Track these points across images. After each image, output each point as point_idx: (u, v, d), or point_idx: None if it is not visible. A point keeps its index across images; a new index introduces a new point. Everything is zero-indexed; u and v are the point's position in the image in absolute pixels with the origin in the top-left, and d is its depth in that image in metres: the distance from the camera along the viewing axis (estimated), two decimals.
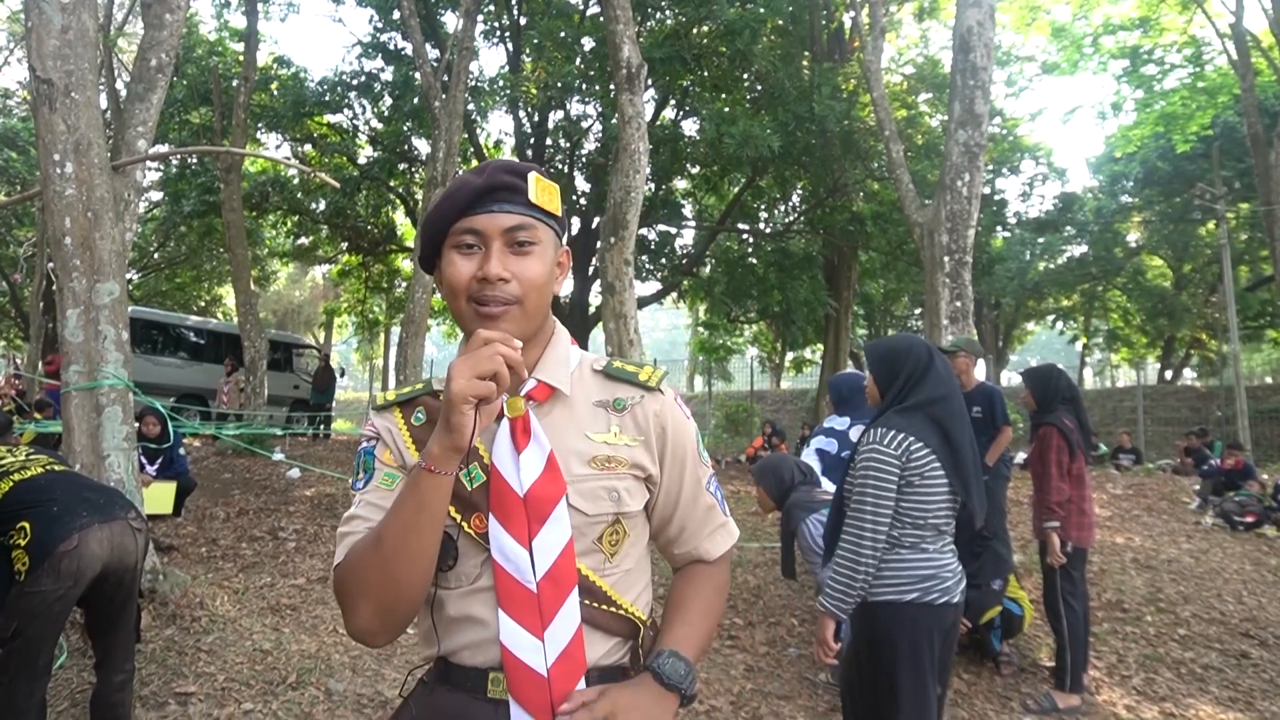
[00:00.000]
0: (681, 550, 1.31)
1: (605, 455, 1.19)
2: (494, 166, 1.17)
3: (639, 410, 1.23)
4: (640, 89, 7.71)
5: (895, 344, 2.71)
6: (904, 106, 15.98)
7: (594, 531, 1.17)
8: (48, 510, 2.67)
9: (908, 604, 2.43)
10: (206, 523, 6.96)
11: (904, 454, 2.45)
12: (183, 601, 4.60)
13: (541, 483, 1.13)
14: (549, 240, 1.18)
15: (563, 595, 1.13)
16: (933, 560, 2.48)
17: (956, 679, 4.30)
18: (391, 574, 1.06)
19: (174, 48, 5.56)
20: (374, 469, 1.21)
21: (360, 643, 1.14)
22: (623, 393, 1.24)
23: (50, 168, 4.46)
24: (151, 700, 3.57)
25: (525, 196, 1.15)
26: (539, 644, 1.11)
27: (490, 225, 1.13)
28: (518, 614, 1.12)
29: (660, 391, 1.26)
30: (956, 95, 7.74)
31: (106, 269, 4.56)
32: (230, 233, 12.83)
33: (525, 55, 15.55)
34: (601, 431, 1.20)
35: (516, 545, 1.12)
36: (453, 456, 1.04)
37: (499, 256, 1.12)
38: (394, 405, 1.25)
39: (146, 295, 23.30)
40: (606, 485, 1.18)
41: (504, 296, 1.12)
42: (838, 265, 17.03)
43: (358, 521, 1.16)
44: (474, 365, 1.01)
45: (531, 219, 1.15)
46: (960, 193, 7.59)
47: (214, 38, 17.07)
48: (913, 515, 2.47)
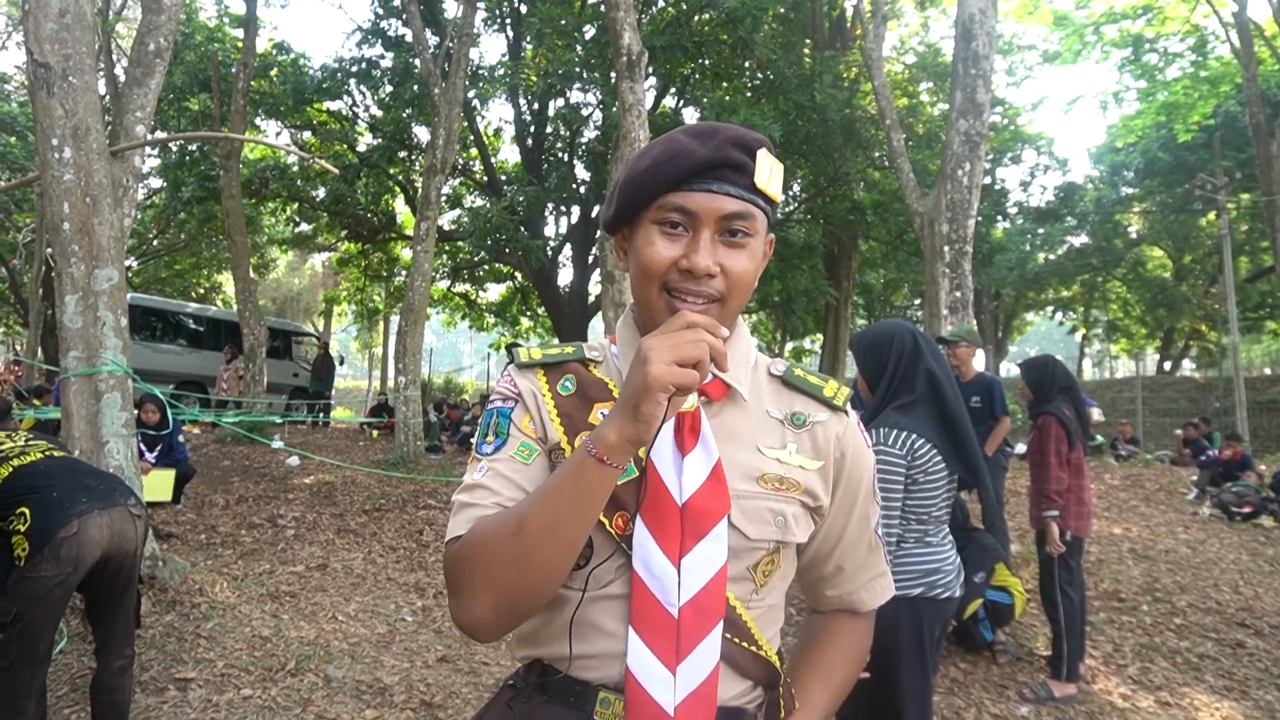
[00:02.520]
0: (833, 593, 1.17)
1: (777, 475, 1.04)
2: (723, 136, 1.00)
3: (820, 430, 1.08)
4: (641, 77, 7.68)
5: (878, 333, 2.64)
6: (905, 95, 15.94)
7: (750, 558, 1.03)
8: (47, 496, 2.68)
9: (914, 599, 2.42)
10: (206, 510, 6.97)
11: (909, 453, 2.42)
12: (182, 588, 4.62)
13: (704, 493, 0.99)
14: (763, 230, 1.04)
15: (707, 626, 0.98)
16: (935, 554, 2.48)
17: (953, 667, 4.32)
18: (530, 567, 0.92)
19: (172, 32, 5.53)
20: (508, 434, 1.05)
21: (468, 634, 0.99)
22: (802, 406, 1.10)
23: (48, 153, 4.44)
24: (151, 685, 3.58)
25: (750, 179, 1.00)
26: (670, 677, 0.97)
27: (707, 208, 0.98)
28: (651, 638, 0.98)
29: (845, 413, 1.11)
30: (958, 84, 7.71)
31: (105, 255, 4.55)
32: (229, 220, 12.80)
33: (526, 42, 15.48)
34: (776, 447, 1.06)
35: (664, 559, 0.98)
36: (631, 449, 0.90)
37: (709, 246, 0.98)
38: (539, 365, 1.10)
39: (146, 282, 23.27)
40: (774, 508, 1.03)
41: (708, 293, 0.99)
42: (838, 254, 17.01)
43: (483, 493, 1.01)
44: (676, 349, 0.86)
45: (753, 206, 1.00)
46: (961, 182, 7.57)
47: (213, 24, 16.98)
48: (917, 511, 2.46)
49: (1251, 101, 16.00)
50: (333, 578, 5.43)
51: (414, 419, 10.40)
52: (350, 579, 5.44)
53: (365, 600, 5.03)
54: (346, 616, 4.70)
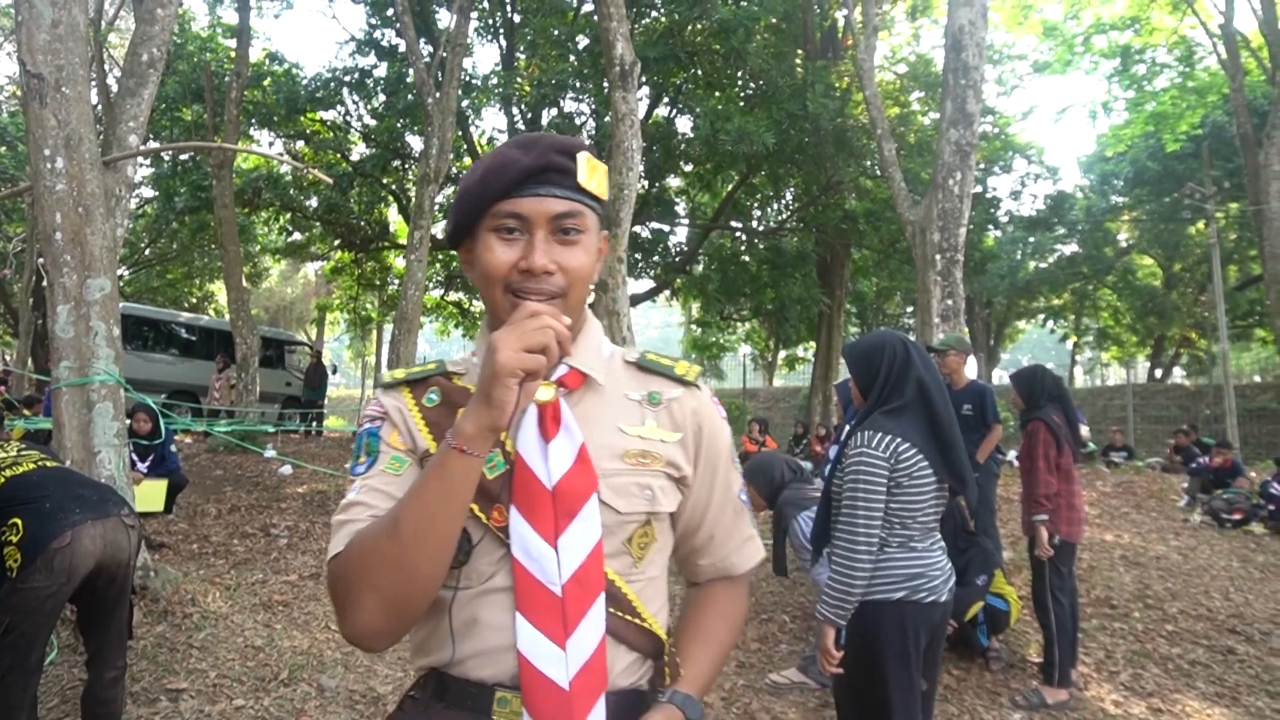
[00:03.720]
0: (707, 561, 1.22)
1: (640, 450, 1.10)
2: (545, 144, 1.06)
3: (675, 406, 1.15)
4: (634, 86, 7.72)
5: (870, 343, 2.71)
6: (896, 104, 16.03)
7: (624, 532, 1.08)
8: (40, 507, 2.67)
9: (896, 602, 2.44)
10: (198, 520, 6.94)
11: (892, 456, 2.45)
12: (174, 598, 4.60)
13: (572, 475, 1.04)
14: (594, 227, 1.09)
15: (589, 599, 1.03)
16: (921, 559, 2.49)
17: (946, 674, 4.32)
18: (409, 566, 0.95)
19: (165, 43, 5.54)
20: (379, 452, 1.09)
21: (359, 645, 1.01)
22: (658, 386, 1.16)
23: (41, 163, 4.45)
24: (143, 696, 3.57)
25: (575, 179, 1.05)
26: (561, 654, 1.01)
27: (537, 210, 1.04)
28: (539, 619, 1.01)
29: (698, 387, 1.18)
30: (948, 94, 7.77)
31: (98, 265, 4.55)
32: (222, 229, 12.78)
33: (519, 52, 15.54)
34: (636, 424, 1.12)
35: (542, 543, 1.03)
36: (489, 436, 0.94)
37: (544, 246, 1.04)
38: (404, 384, 1.15)
39: (138, 291, 23.20)
40: (640, 482, 1.09)
41: (548, 289, 1.04)
42: (831, 263, 17.07)
43: (360, 509, 1.04)
44: (522, 337, 0.92)
45: (581, 205, 1.06)
46: (952, 191, 7.62)
47: (206, 34, 16.99)
48: (901, 515, 2.48)
49: (1238, 111, 16.13)
50: (326, 587, 5.41)
51: None
52: None
53: None
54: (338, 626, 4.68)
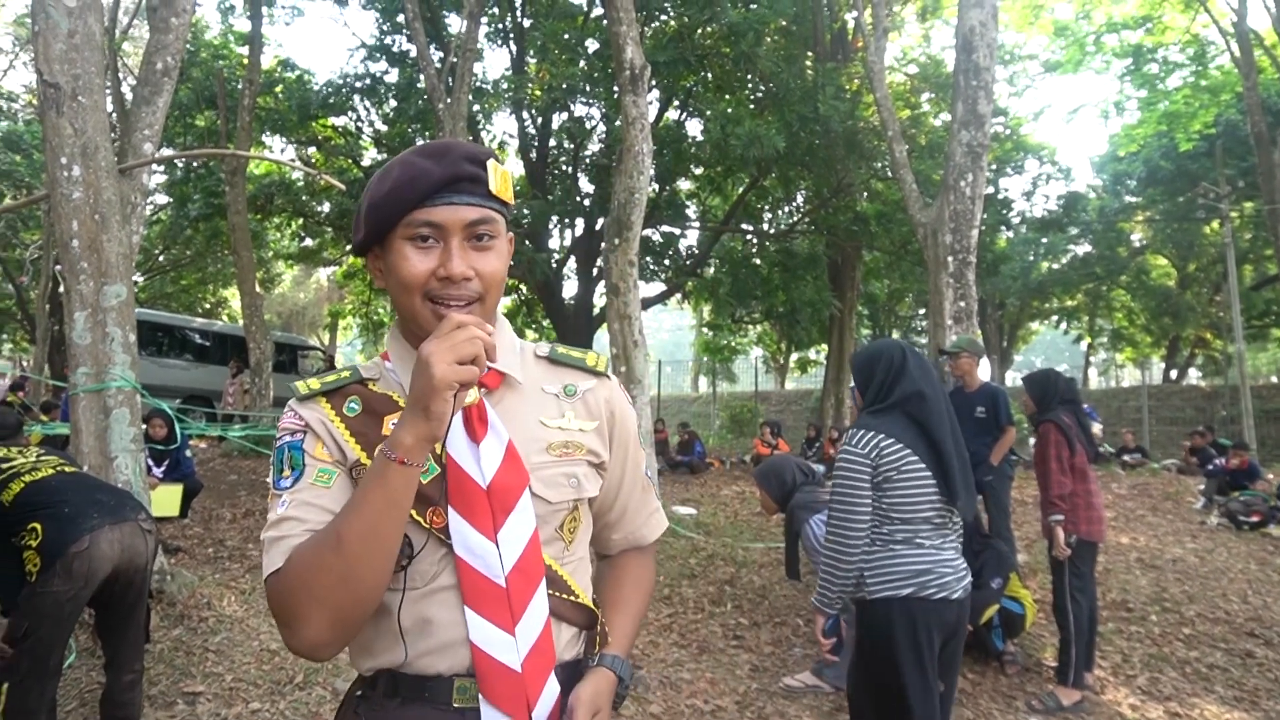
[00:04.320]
0: (619, 535, 1.33)
1: (562, 441, 1.16)
2: (455, 154, 1.07)
3: (590, 396, 1.22)
4: (644, 90, 7.73)
5: (870, 349, 2.83)
6: (907, 106, 15.99)
7: (556, 520, 1.15)
8: (59, 512, 2.69)
9: (904, 599, 2.46)
10: (213, 524, 6.99)
11: (873, 451, 2.53)
12: (190, 602, 4.63)
13: (504, 473, 1.09)
14: (504, 231, 1.13)
15: (532, 587, 1.09)
16: (928, 555, 2.50)
17: (961, 678, 4.30)
18: (355, 578, 0.96)
19: (180, 51, 5.59)
20: (304, 465, 1.08)
21: (307, 657, 1.02)
22: (571, 378, 1.23)
23: (57, 171, 4.49)
24: (160, 700, 3.59)
25: (486, 187, 1.08)
26: (511, 640, 1.07)
27: (452, 219, 1.06)
28: (488, 611, 1.07)
29: (608, 377, 1.26)
30: (959, 95, 7.75)
31: (114, 271, 4.59)
32: (235, 235, 12.88)
33: (529, 57, 15.58)
34: (556, 417, 1.18)
35: (482, 539, 1.07)
36: (426, 447, 0.97)
37: (460, 253, 1.06)
38: (320, 395, 1.14)
39: (152, 298, 23.36)
40: (566, 472, 1.15)
41: (466, 295, 1.07)
42: (842, 265, 17.03)
43: (292, 524, 1.03)
44: (454, 349, 0.94)
45: (493, 212, 1.09)
46: (964, 193, 7.59)
47: (219, 41, 17.12)
48: (899, 510, 2.52)
49: (1252, 110, 16.02)
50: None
51: None
52: None
53: None
54: None
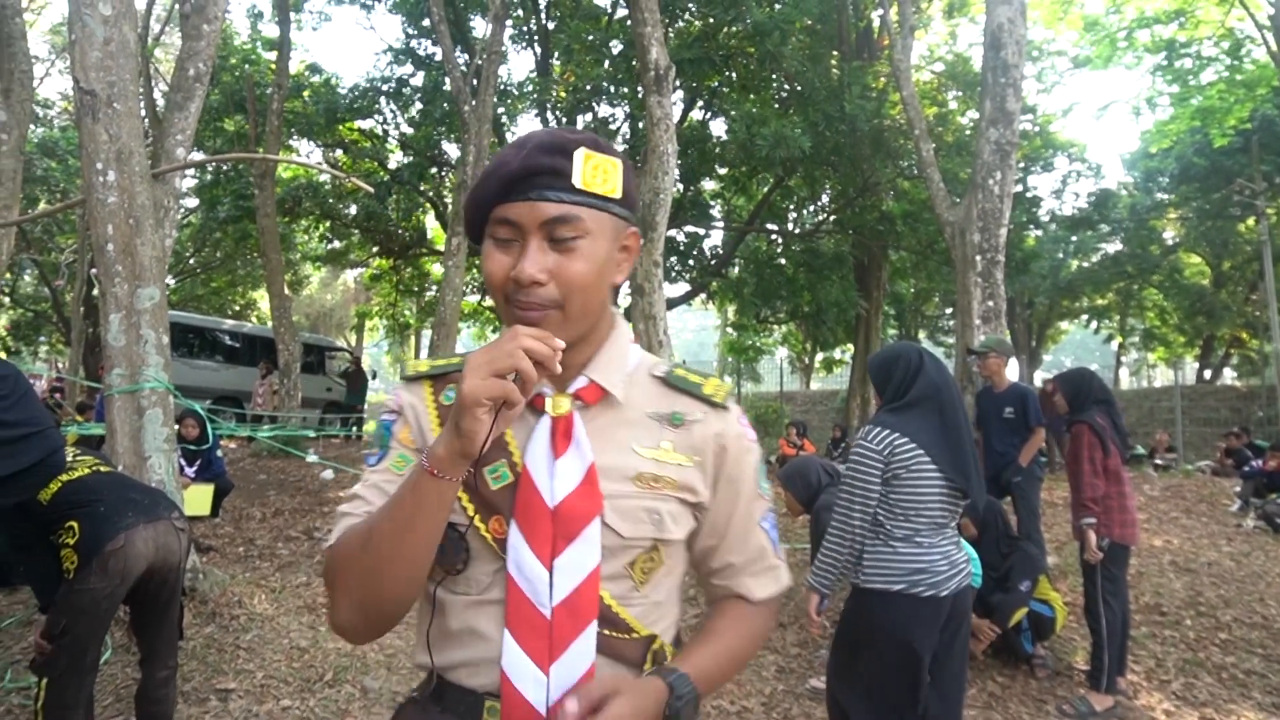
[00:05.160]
0: (721, 584, 1.17)
1: (653, 474, 1.04)
2: (534, 143, 0.99)
3: (698, 428, 1.08)
4: (668, 91, 7.73)
5: (888, 351, 2.94)
6: (934, 104, 15.85)
7: (626, 556, 1.03)
8: (95, 510, 2.74)
9: (895, 594, 2.56)
10: (244, 523, 7.08)
11: (886, 448, 2.63)
12: (222, 600, 4.69)
13: (576, 496, 1.00)
14: (602, 229, 1.00)
15: (578, 628, 0.99)
16: (925, 554, 2.59)
17: (990, 681, 4.26)
18: (377, 577, 0.95)
19: (211, 57, 5.67)
20: (389, 447, 1.08)
21: (342, 637, 1.03)
22: (682, 406, 1.09)
23: (93, 176, 4.57)
24: (193, 696, 3.65)
25: (569, 180, 0.98)
26: (543, 679, 0.98)
27: (527, 217, 0.97)
28: (525, 639, 0.99)
29: (725, 409, 1.11)
30: (987, 93, 7.67)
31: (147, 274, 4.66)
32: (264, 238, 13.04)
33: (554, 58, 15.65)
34: (651, 447, 1.06)
35: (536, 562, 0.99)
36: (460, 462, 0.91)
37: (535, 254, 0.97)
38: (425, 378, 1.11)
39: (183, 300, 23.73)
40: (648, 506, 1.03)
41: (538, 301, 0.97)
42: (868, 265, 16.92)
43: (359, 503, 1.05)
44: (491, 360, 0.87)
45: (577, 208, 0.98)
46: (992, 191, 7.52)
47: (247, 47, 17.35)
48: (903, 507, 2.62)
49: None
50: None
51: None
52: None
53: None
54: None
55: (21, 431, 2.41)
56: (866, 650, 2.60)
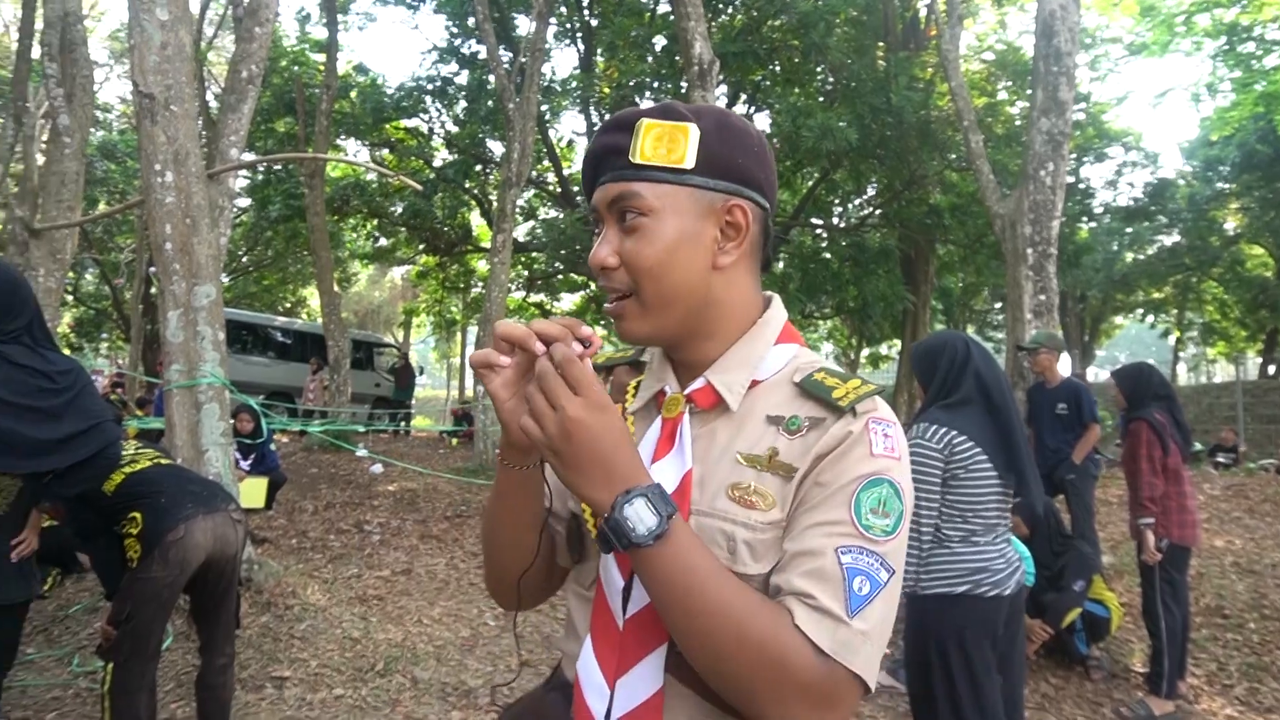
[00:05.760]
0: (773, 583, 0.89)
1: (753, 485, 0.90)
2: (608, 125, 0.95)
3: (812, 435, 0.90)
4: (712, 85, 7.69)
5: (932, 342, 2.80)
6: (983, 94, 15.56)
7: None
8: (156, 502, 2.82)
9: (959, 596, 2.47)
10: (296, 516, 7.23)
11: (946, 448, 2.51)
12: (276, 590, 4.80)
13: None
14: (673, 205, 0.91)
15: (647, 647, 0.90)
16: (983, 553, 2.50)
17: (1044, 682, 4.18)
18: (487, 548, 1.03)
19: (263, 59, 5.79)
20: None
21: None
22: (806, 410, 0.92)
23: (152, 177, 4.70)
24: (250, 683, 3.74)
25: (627, 157, 0.91)
26: (606, 691, 0.92)
27: (600, 201, 0.94)
28: (600, 648, 0.94)
29: (851, 414, 0.89)
30: (1039, 82, 7.51)
31: (204, 272, 4.78)
32: (314, 236, 13.29)
33: (597, 55, 15.68)
34: (755, 455, 0.92)
35: (615, 569, 0.93)
36: (511, 452, 0.90)
37: (606, 238, 0.93)
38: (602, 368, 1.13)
39: (235, 297, 24.27)
40: (726, 530, 0.89)
41: (612, 287, 0.94)
42: (915, 259, 16.68)
43: None
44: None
45: (635, 185, 0.91)
46: (1044, 182, 7.36)
47: (296, 49, 17.67)
48: (960, 508, 2.51)
49: None
50: (417, 582, 5.57)
51: (493, 427, 10.59)
52: (434, 584, 5.57)
53: (449, 605, 5.14)
54: (431, 620, 4.82)
55: (81, 425, 2.49)
56: (937, 659, 2.45)
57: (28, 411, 2.37)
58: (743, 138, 0.95)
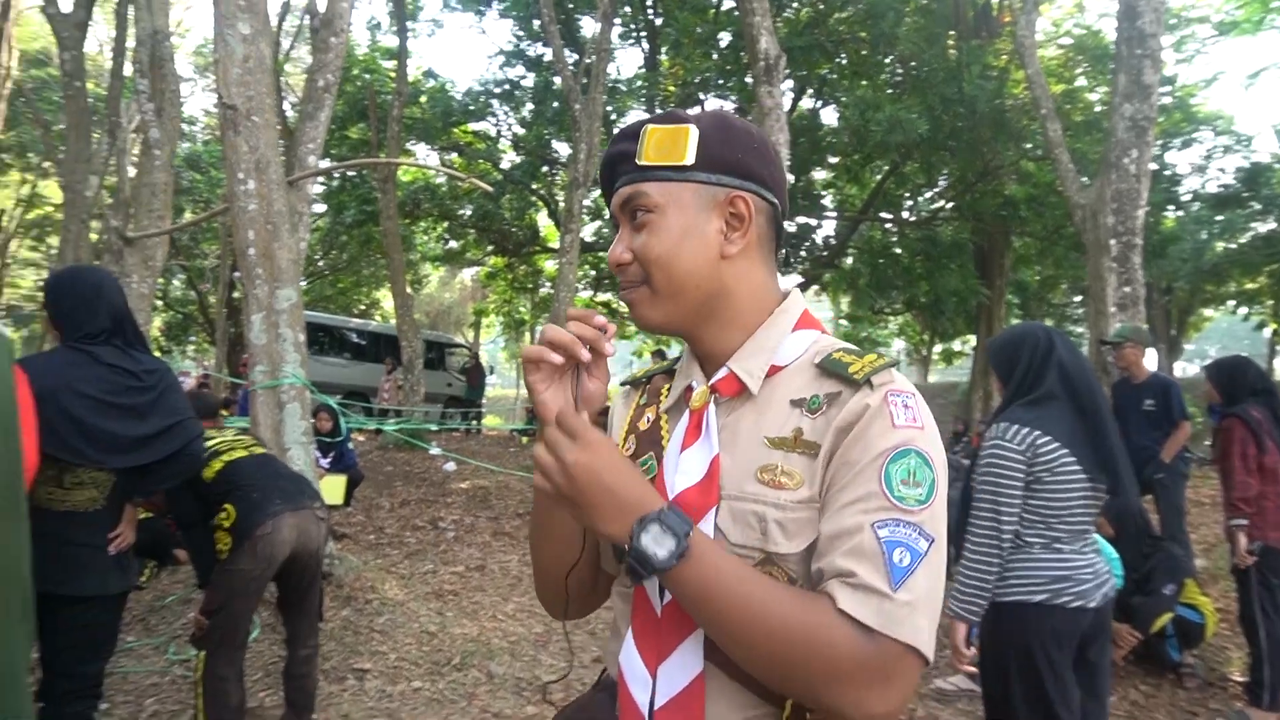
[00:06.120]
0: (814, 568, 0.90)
1: (777, 466, 0.93)
2: (616, 136, 1.04)
3: (833, 410, 0.93)
4: (779, 80, 7.62)
5: (1011, 334, 2.64)
6: (1061, 81, 15.05)
7: None
8: (249, 496, 2.95)
9: (1036, 605, 2.32)
10: (373, 512, 7.42)
11: (1029, 449, 2.35)
12: (356, 585, 4.94)
13: (695, 491, 0.95)
14: (676, 200, 0.97)
15: (683, 631, 0.94)
16: (1068, 561, 2.35)
17: (1133, 690, 4.02)
18: (536, 551, 1.10)
19: (338, 69, 5.96)
20: None
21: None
22: (826, 388, 0.95)
23: (235, 185, 4.88)
24: (333, 674, 3.86)
25: (634, 160, 1.00)
26: (649, 679, 0.95)
27: (615, 206, 1.02)
28: (641, 638, 0.97)
29: (869, 386, 0.92)
30: (1122, 66, 7.22)
31: (285, 276, 4.94)
32: (387, 239, 13.61)
33: (662, 53, 15.69)
34: (781, 437, 0.94)
35: None
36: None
37: (621, 237, 1.01)
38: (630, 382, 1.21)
39: (313, 300, 25.01)
40: (758, 511, 0.92)
41: (626, 280, 1.01)
42: (989, 252, 16.24)
43: None
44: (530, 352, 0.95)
45: (641, 185, 0.98)
46: (1127, 170, 7.08)
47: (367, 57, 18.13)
48: (1043, 513, 2.36)
49: None
50: (491, 578, 5.66)
51: None
52: (507, 580, 5.66)
53: (522, 600, 5.21)
54: (505, 615, 4.89)
55: (165, 422, 2.61)
56: (1013, 669, 2.34)
57: (115, 409, 2.50)
58: (743, 135, 1.01)
